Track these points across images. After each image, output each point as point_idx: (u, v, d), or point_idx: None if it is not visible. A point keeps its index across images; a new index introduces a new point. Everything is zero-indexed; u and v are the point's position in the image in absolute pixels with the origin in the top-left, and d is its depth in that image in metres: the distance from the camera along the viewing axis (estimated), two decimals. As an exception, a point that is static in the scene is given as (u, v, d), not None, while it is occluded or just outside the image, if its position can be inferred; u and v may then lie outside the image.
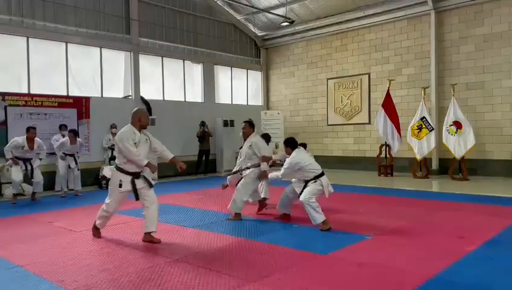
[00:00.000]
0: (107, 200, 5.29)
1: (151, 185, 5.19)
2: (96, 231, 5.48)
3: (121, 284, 3.72)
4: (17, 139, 8.38)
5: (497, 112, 10.89)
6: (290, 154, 6.01)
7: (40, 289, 3.66)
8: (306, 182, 5.82)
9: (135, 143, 5.06)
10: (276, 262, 4.24)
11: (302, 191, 5.81)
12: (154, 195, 5.23)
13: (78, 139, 9.22)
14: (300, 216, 6.50)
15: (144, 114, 5.28)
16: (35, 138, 8.54)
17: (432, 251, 4.53)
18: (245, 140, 6.73)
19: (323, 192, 5.74)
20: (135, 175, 5.11)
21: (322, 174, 5.83)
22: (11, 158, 8.33)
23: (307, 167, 5.82)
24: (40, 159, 8.81)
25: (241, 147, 6.86)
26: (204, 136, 13.06)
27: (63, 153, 9.18)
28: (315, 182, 5.75)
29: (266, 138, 7.45)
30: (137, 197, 5.13)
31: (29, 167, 8.51)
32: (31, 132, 8.45)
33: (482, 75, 11.11)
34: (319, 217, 5.58)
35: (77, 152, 9.34)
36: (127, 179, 5.09)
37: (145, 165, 5.07)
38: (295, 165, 5.83)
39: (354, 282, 3.67)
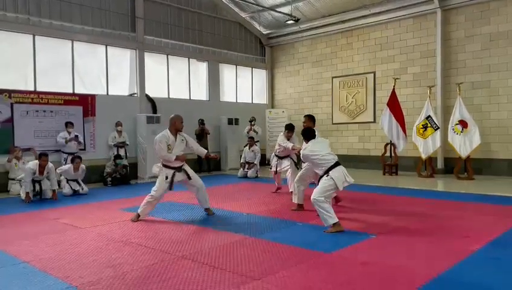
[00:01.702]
0: (154, 189, 6.25)
1: (189, 177, 6.37)
2: (136, 218, 6.28)
3: (126, 280, 3.75)
4: (30, 166, 8.26)
5: (503, 111, 10.83)
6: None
7: (45, 285, 3.69)
8: (320, 177, 5.65)
9: (168, 145, 6.17)
10: (280, 260, 4.25)
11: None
12: (200, 182, 6.46)
13: (81, 166, 9.14)
14: (304, 213, 6.52)
15: (178, 120, 6.34)
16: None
17: (436, 250, 4.52)
18: None
19: (336, 186, 5.47)
20: (177, 169, 6.27)
21: (335, 165, 5.55)
22: (27, 192, 8.18)
23: (317, 160, 5.64)
24: (53, 190, 8.60)
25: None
26: (202, 134, 13.03)
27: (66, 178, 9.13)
28: (327, 176, 5.49)
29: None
30: (170, 188, 6.28)
31: (37, 188, 8.42)
32: (42, 159, 8.32)
33: (488, 74, 11.05)
34: (329, 219, 5.31)
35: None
36: (170, 172, 6.22)
37: (175, 159, 6.20)
38: (306, 157, 5.83)
39: (357, 281, 3.67)
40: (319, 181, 5.65)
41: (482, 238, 4.96)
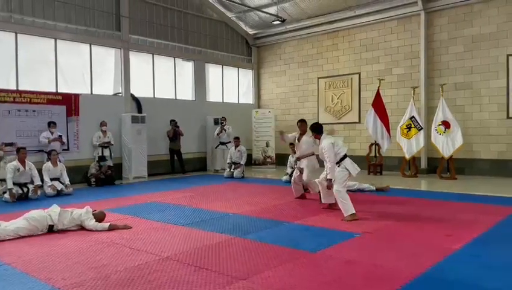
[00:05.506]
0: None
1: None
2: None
3: (110, 281, 3.70)
4: (13, 163, 8.22)
5: (485, 112, 11.03)
6: (318, 139, 6.63)
7: (27, 287, 3.63)
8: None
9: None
10: (265, 260, 4.25)
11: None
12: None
13: (59, 162, 9.12)
14: (290, 213, 6.55)
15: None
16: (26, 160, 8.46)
17: (420, 249, 4.58)
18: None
19: (349, 174, 6.25)
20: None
21: (344, 157, 6.29)
22: (10, 189, 8.04)
23: (336, 151, 6.28)
24: (38, 185, 8.53)
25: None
26: (176, 136, 12.70)
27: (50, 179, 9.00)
28: (339, 166, 6.22)
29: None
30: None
31: (25, 190, 8.35)
32: (21, 152, 8.27)
33: (470, 75, 11.24)
34: (347, 209, 6.00)
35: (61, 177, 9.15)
36: None
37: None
38: (330, 148, 6.25)
39: (342, 279, 3.70)
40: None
41: (465, 236, 5.04)
